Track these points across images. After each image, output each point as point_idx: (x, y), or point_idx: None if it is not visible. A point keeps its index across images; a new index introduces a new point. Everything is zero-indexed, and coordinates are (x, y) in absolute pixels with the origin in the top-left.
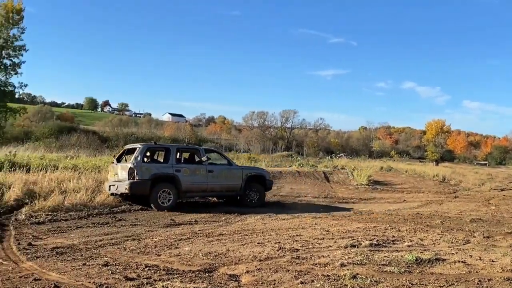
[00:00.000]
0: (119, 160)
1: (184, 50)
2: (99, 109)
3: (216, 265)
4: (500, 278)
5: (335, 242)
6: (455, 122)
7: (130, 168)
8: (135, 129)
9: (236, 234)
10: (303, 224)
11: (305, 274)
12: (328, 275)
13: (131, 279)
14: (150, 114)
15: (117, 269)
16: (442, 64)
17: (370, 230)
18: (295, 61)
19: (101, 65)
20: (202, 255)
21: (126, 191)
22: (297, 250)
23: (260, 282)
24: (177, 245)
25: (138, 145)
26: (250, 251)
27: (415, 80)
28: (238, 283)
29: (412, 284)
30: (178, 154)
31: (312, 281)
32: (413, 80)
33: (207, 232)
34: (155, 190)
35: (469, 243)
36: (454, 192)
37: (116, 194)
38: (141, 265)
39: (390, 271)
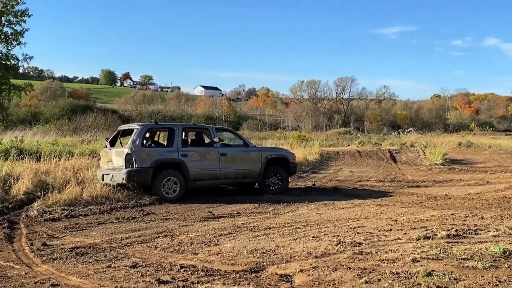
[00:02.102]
0: (113, 143)
1: (216, 12)
2: (118, 84)
3: (264, 263)
4: None
5: (405, 233)
6: None
7: (128, 154)
8: (161, 106)
9: (287, 227)
10: (365, 213)
11: (370, 272)
12: (397, 273)
13: (165, 282)
14: (179, 88)
15: (148, 271)
16: None
17: (447, 219)
18: (352, 18)
19: (119, 32)
20: (247, 252)
21: (124, 181)
22: (360, 244)
23: (317, 283)
24: (217, 241)
25: (135, 126)
26: (303, 247)
27: (500, 36)
28: (291, 284)
29: (499, 282)
30: (184, 135)
31: (379, 280)
32: (496, 35)
33: (252, 226)
34: (158, 179)
35: None
36: None
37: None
38: (175, 265)
39: (472, 267)
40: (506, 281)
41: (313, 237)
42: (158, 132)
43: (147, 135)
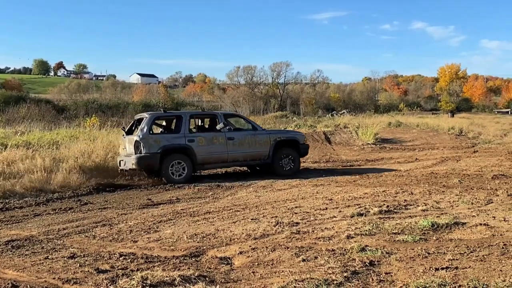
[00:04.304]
0: (130, 131)
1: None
2: (52, 73)
3: (204, 247)
4: None
5: (340, 211)
6: (472, 66)
7: (136, 141)
8: (97, 94)
9: (226, 210)
10: (302, 193)
11: (307, 251)
12: (333, 250)
13: (104, 271)
14: (114, 76)
15: (86, 260)
16: None
17: (379, 196)
18: (285, 4)
19: (51, 20)
20: (186, 237)
21: (134, 166)
22: (297, 224)
23: (256, 263)
24: (157, 228)
25: (145, 115)
26: (242, 229)
27: (425, 19)
28: (231, 266)
29: (428, 253)
30: (192, 122)
31: (316, 257)
32: (422, 19)
33: (192, 211)
34: (165, 163)
35: (492, 203)
36: (473, 146)
37: (126, 170)
38: (114, 254)
39: (403, 240)
40: (434, 253)
41: (252, 219)
42: (167, 120)
43: (163, 123)
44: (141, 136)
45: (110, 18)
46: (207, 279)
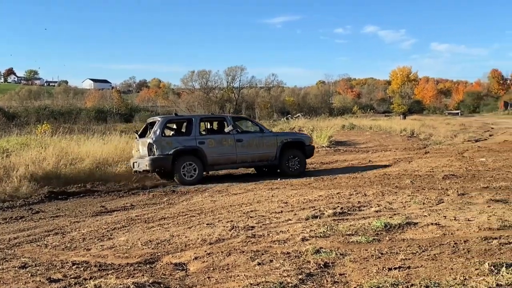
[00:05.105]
0: (143, 135)
1: (101, 3)
2: (2, 80)
3: (159, 254)
4: (477, 238)
5: (295, 214)
6: (423, 69)
7: (149, 143)
8: (49, 101)
9: (181, 216)
10: (258, 197)
11: (262, 254)
12: (288, 252)
13: (56, 281)
14: (66, 82)
15: (38, 270)
16: (405, 3)
17: (333, 198)
18: (238, 8)
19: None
20: (141, 244)
21: (147, 167)
22: (253, 227)
23: (211, 269)
24: (111, 235)
25: (157, 118)
26: (198, 234)
27: (377, 23)
28: (186, 272)
29: (381, 254)
30: (202, 124)
31: (271, 261)
32: (374, 23)
33: (146, 217)
34: (178, 165)
35: (443, 202)
36: (424, 147)
37: (139, 172)
38: (67, 263)
39: (357, 241)
40: (387, 253)
41: (207, 224)
42: (178, 123)
43: (174, 126)
44: (154, 139)
45: (60, 23)
46: (161, 285)
